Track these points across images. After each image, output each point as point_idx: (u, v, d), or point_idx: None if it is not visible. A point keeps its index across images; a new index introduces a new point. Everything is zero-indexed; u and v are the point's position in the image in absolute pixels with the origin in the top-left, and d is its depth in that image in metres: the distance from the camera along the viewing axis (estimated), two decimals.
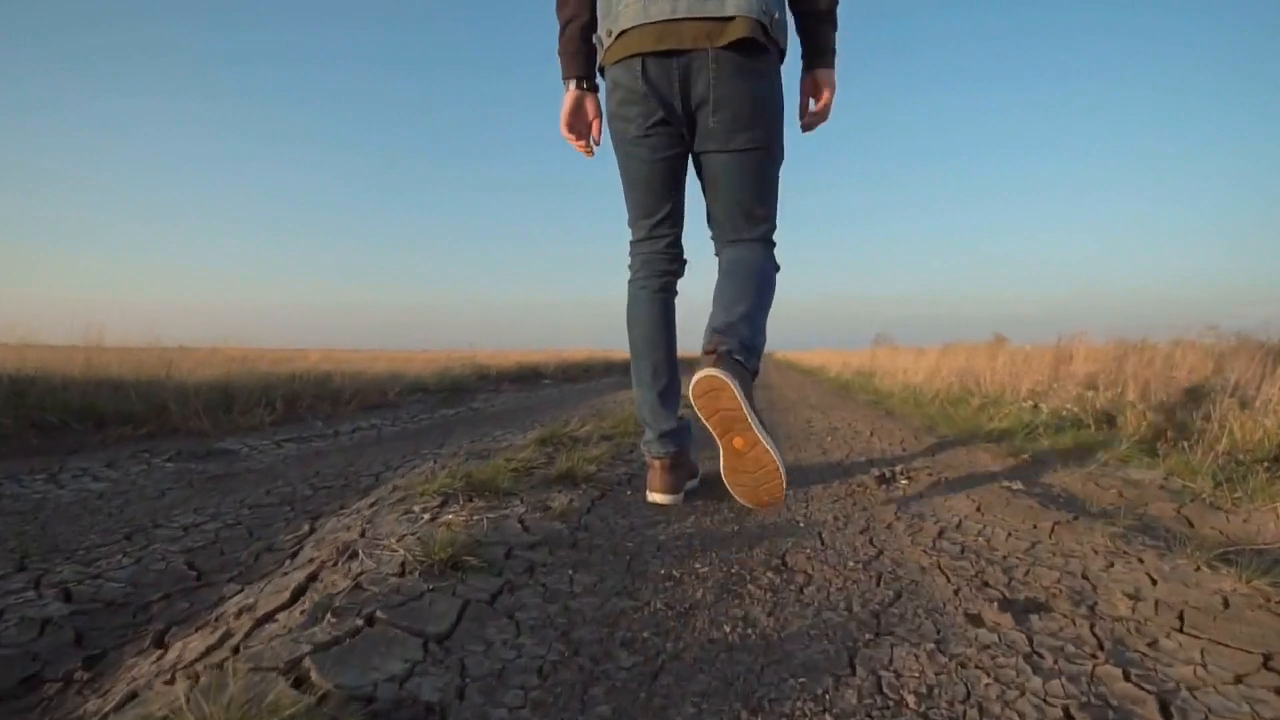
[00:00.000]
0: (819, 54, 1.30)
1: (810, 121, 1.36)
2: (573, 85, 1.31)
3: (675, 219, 1.36)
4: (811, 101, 1.35)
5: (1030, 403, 3.13)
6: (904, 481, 1.66)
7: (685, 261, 1.41)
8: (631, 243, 1.40)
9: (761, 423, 1.10)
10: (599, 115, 1.34)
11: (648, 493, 1.42)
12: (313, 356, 4.89)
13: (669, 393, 1.39)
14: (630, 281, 1.39)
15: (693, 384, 1.08)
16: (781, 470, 1.09)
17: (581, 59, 1.30)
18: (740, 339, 1.14)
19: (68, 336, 3.59)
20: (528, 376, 6.78)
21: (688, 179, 1.35)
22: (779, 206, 1.33)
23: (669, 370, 1.38)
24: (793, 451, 2.20)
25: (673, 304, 1.39)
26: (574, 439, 2.17)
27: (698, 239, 1.51)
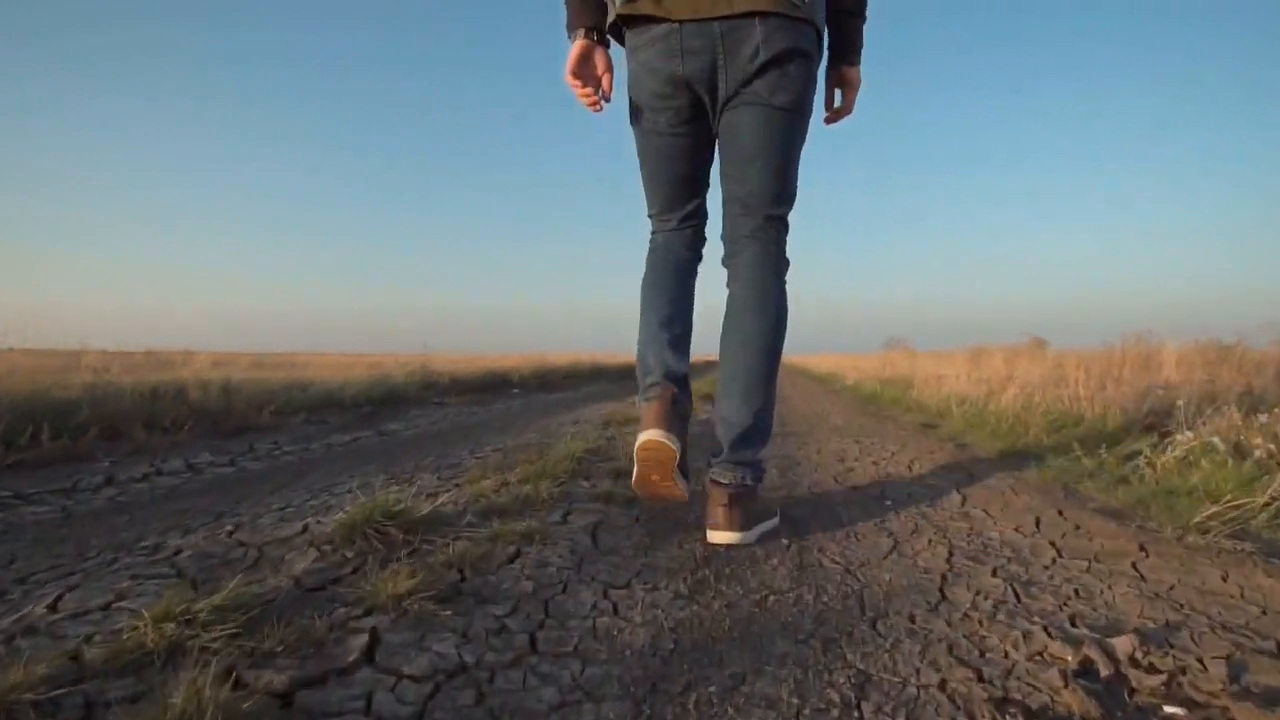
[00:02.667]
0: (847, 50, 1.26)
1: (835, 117, 1.33)
2: (580, 35, 1.19)
3: (700, 212, 1.31)
4: (838, 95, 1.32)
5: (1178, 433, 2.07)
6: (1175, 712, 0.61)
7: (705, 240, 1.34)
8: (653, 230, 1.33)
9: None
10: (610, 70, 1.22)
11: (641, 434, 1.13)
12: (201, 359, 3.89)
13: (682, 342, 1.24)
14: (651, 252, 1.32)
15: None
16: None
17: (591, 7, 1.18)
18: (751, 458, 1.17)
19: None
20: (493, 384, 5.75)
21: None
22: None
23: (684, 321, 1.25)
24: (835, 534, 1.15)
25: (694, 274, 1.31)
26: (415, 524, 1.12)
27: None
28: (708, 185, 1.29)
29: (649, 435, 1.10)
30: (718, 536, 1.14)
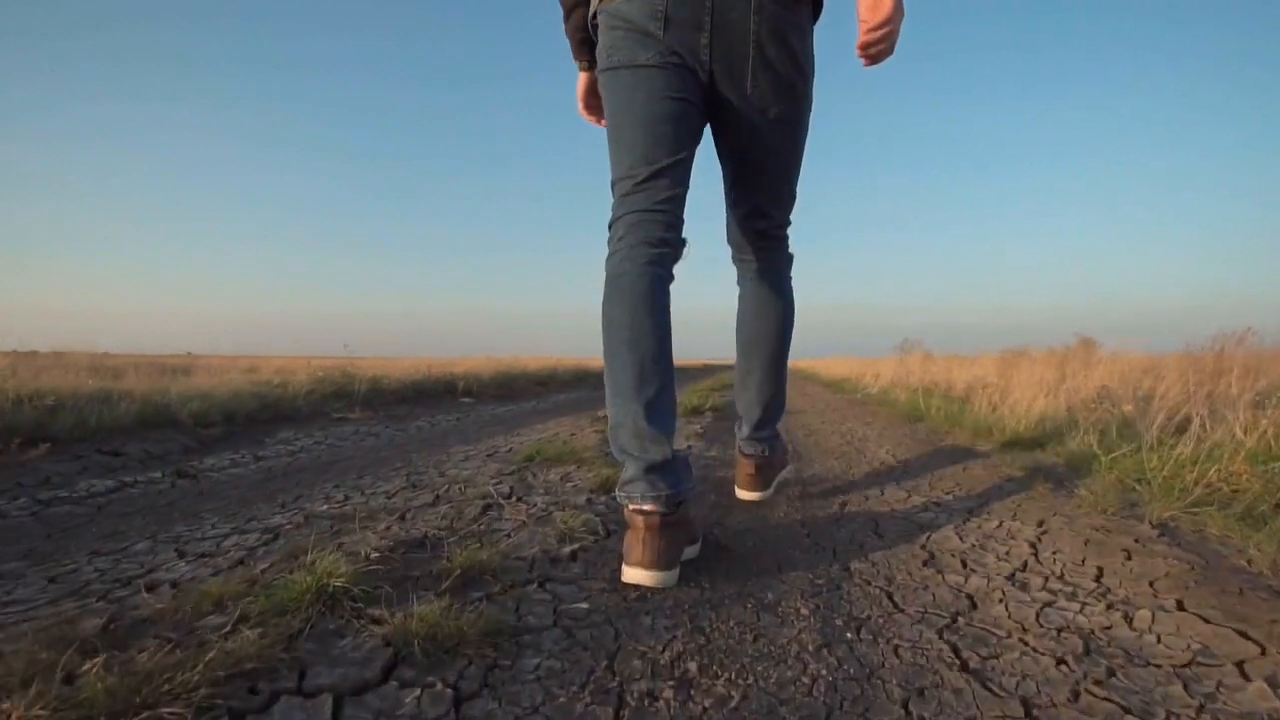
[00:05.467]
0: None
1: (869, 41, 0.95)
2: (584, 66, 1.17)
3: (679, 177, 1.00)
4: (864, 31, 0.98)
5: None
6: None
7: (685, 241, 1.03)
8: (618, 199, 1.01)
9: None
10: None
11: (624, 569, 0.89)
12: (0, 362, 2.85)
13: (661, 405, 0.94)
14: (610, 255, 0.99)
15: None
16: None
17: (590, 46, 1.11)
18: (768, 435, 1.35)
19: None
20: (433, 393, 4.67)
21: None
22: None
23: (661, 373, 0.95)
24: None
25: (667, 287, 0.99)
26: None
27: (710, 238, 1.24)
28: (692, 149, 1.02)
29: (636, 578, 0.87)
30: (747, 496, 1.39)
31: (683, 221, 1.02)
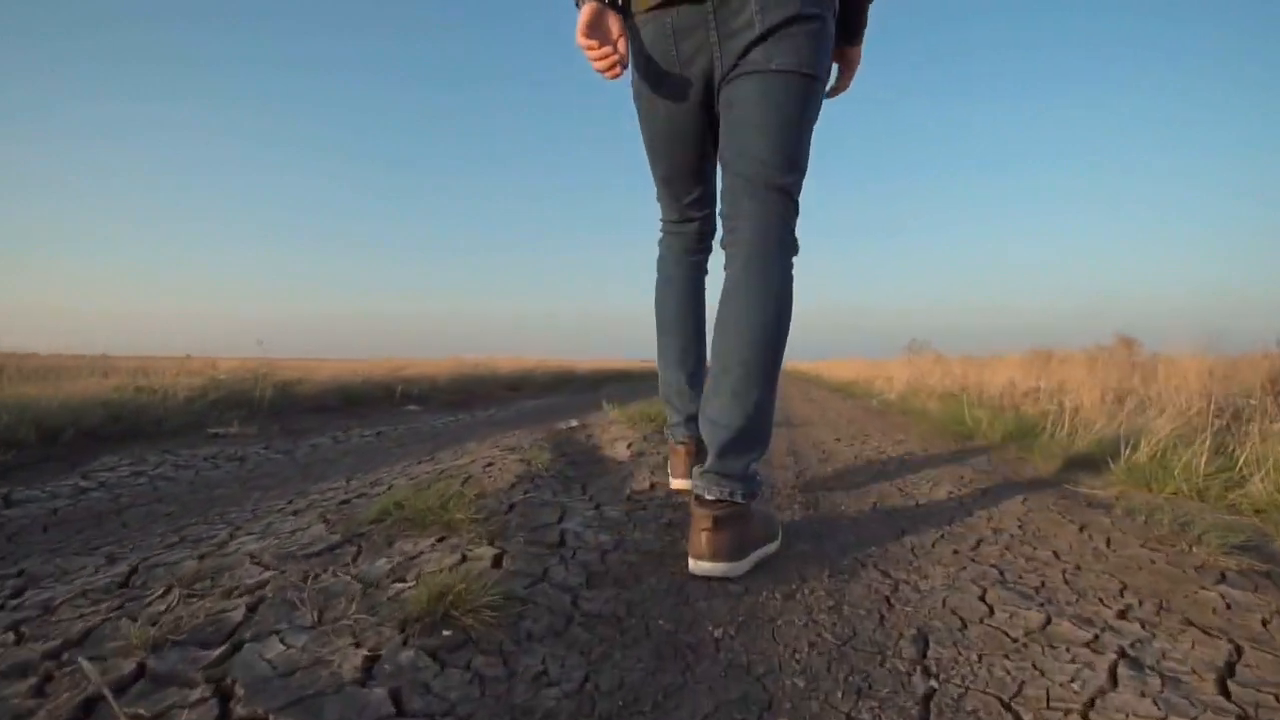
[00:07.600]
0: (851, 31, 1.14)
1: (832, 93, 1.20)
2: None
3: (711, 197, 1.23)
4: (835, 72, 1.19)
5: None
6: None
7: (714, 232, 1.26)
8: (663, 221, 1.30)
9: None
10: (624, 34, 1.03)
11: (671, 480, 1.37)
12: None
13: (698, 377, 1.29)
14: (660, 259, 1.31)
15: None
16: None
17: None
18: (742, 470, 0.97)
19: None
20: (370, 399, 3.94)
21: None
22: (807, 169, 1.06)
23: (698, 350, 1.29)
24: None
25: (704, 283, 1.31)
26: None
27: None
28: (714, 175, 1.20)
29: (679, 485, 1.34)
30: (699, 567, 0.92)
31: (715, 227, 1.23)
